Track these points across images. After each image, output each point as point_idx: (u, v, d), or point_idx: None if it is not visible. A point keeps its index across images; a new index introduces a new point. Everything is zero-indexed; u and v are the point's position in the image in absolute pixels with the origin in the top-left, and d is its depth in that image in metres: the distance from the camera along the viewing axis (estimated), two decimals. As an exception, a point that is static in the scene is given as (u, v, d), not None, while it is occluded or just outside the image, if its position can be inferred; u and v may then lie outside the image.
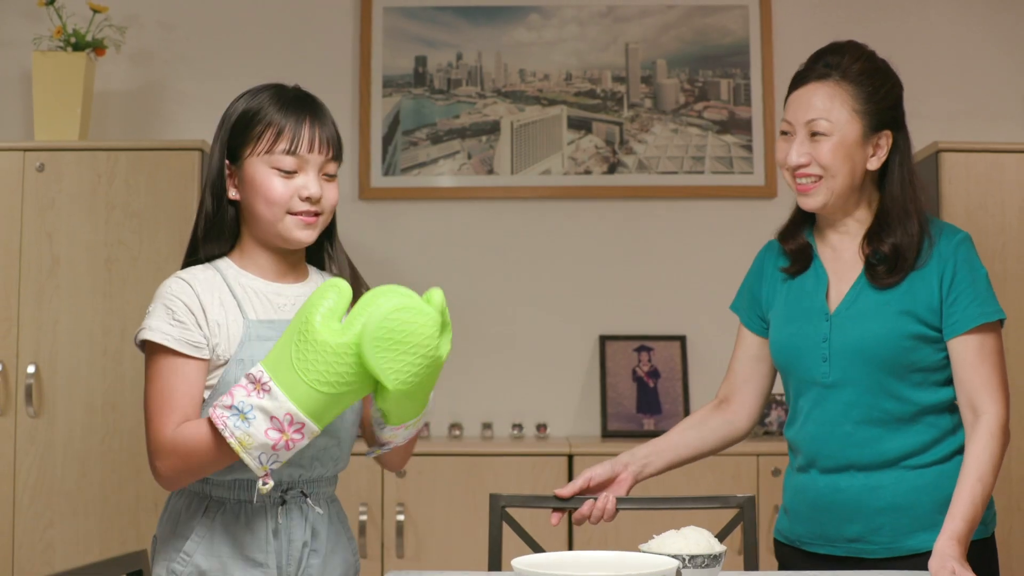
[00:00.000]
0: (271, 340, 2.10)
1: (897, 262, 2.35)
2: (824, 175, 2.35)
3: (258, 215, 2.13)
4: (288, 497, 2.14)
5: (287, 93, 2.18)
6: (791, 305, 2.45)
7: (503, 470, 3.62)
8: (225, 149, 2.16)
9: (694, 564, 1.97)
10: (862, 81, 2.37)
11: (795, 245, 2.49)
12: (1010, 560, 3.57)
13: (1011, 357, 3.61)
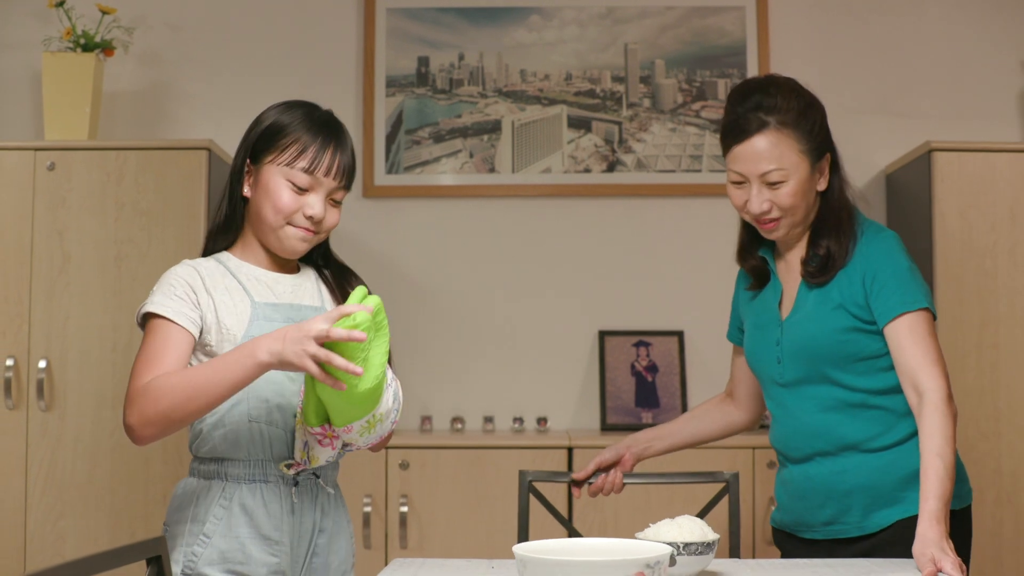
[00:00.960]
0: (275, 322, 2.25)
1: (827, 262, 2.48)
2: (784, 215, 2.47)
3: (262, 217, 2.27)
4: (300, 478, 2.26)
5: (321, 115, 2.31)
6: (755, 316, 2.63)
7: (504, 462, 3.66)
8: (249, 149, 2.30)
9: (688, 551, 2.04)
10: (800, 123, 2.45)
11: (752, 263, 2.64)
12: (1001, 552, 3.63)
13: (1003, 353, 3.67)
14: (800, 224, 2.52)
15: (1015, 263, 3.67)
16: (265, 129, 2.29)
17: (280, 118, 2.29)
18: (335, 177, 2.27)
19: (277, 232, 2.27)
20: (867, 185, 4.19)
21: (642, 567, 1.67)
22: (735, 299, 2.78)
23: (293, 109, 2.31)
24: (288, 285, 2.35)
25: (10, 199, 3.68)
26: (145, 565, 1.76)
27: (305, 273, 2.41)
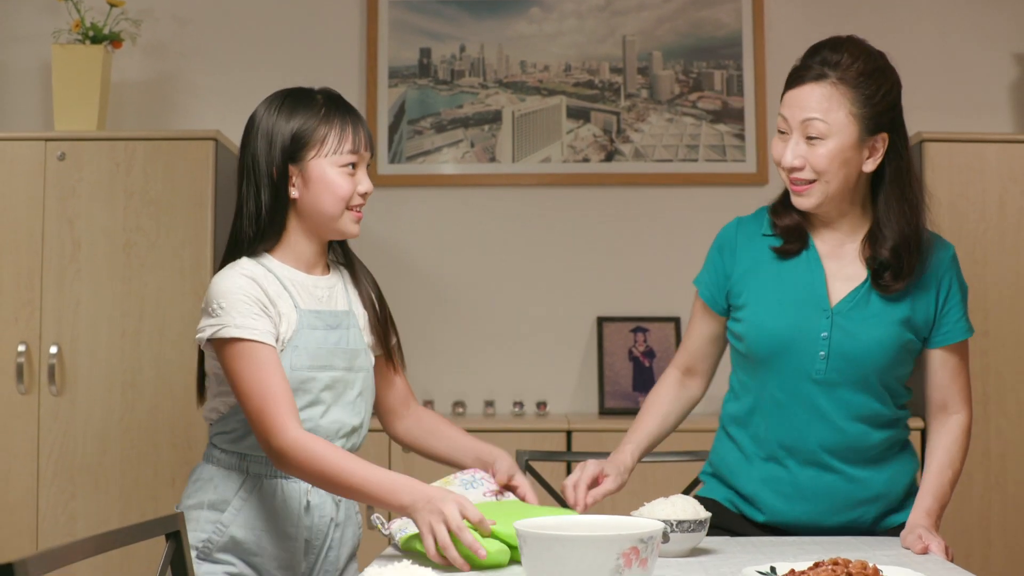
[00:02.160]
0: (318, 329, 2.27)
1: (901, 267, 2.31)
2: (818, 179, 2.28)
3: (322, 210, 2.27)
4: None
5: (331, 97, 2.32)
6: (783, 292, 2.38)
7: (504, 445, 3.60)
8: (286, 153, 2.27)
9: (681, 528, 2.12)
10: (860, 83, 2.29)
11: (790, 222, 2.40)
12: (990, 533, 3.71)
13: (993, 341, 3.74)
14: (834, 199, 2.32)
15: (1004, 251, 3.74)
16: (296, 133, 2.27)
17: (303, 117, 2.28)
18: (367, 148, 2.32)
19: (339, 220, 2.29)
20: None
21: (636, 542, 1.75)
22: (720, 256, 2.52)
23: (304, 103, 2.30)
24: (324, 289, 2.35)
25: (21, 188, 3.76)
26: (164, 540, 1.83)
27: (335, 274, 2.41)
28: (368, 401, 2.37)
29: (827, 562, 1.73)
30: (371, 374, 2.39)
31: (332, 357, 2.28)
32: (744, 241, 2.47)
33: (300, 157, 2.27)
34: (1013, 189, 3.75)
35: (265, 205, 2.28)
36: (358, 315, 2.38)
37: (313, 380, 2.24)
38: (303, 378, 2.24)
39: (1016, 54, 4.27)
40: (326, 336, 2.28)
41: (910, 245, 2.31)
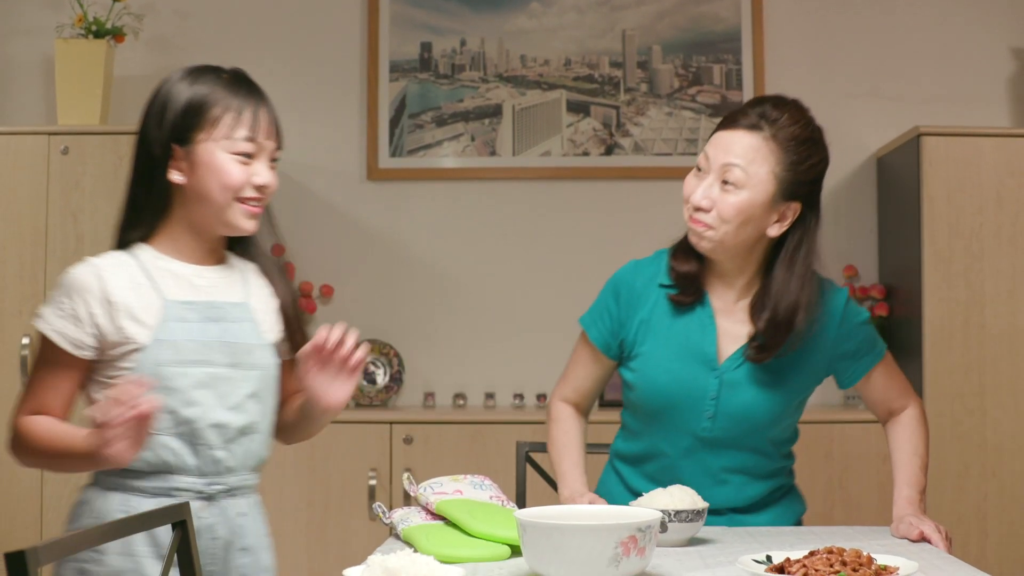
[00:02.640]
0: (191, 322, 2.05)
1: (768, 345, 2.32)
2: (717, 225, 2.27)
3: (209, 199, 2.05)
4: (212, 492, 2.05)
5: (238, 77, 2.12)
6: (675, 348, 2.39)
7: (505, 437, 3.74)
8: (173, 131, 2.05)
9: (679, 518, 2.15)
10: (791, 147, 2.27)
11: (689, 269, 2.41)
12: (986, 522, 3.75)
13: (990, 334, 3.77)
14: (728, 251, 2.33)
15: (1001, 245, 3.77)
16: (186, 106, 2.05)
17: (198, 91, 2.06)
18: (271, 137, 2.09)
19: (226, 211, 2.06)
20: (858, 168, 4.29)
21: (634, 531, 1.79)
22: (615, 300, 2.50)
23: (204, 77, 2.09)
24: (212, 279, 2.12)
25: (25, 182, 3.79)
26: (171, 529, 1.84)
27: (234, 265, 2.18)
28: (267, 403, 2.13)
29: (822, 551, 1.77)
30: (271, 373, 2.14)
31: (208, 351, 2.05)
32: (641, 288, 2.46)
33: (189, 138, 2.04)
34: (1010, 183, 3.78)
35: (143, 188, 2.08)
36: (256, 309, 2.15)
37: (183, 376, 2.01)
38: (169, 375, 2.00)
39: (1014, 48, 4.30)
40: (203, 328, 2.06)
41: (778, 319, 2.31)
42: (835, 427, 3.80)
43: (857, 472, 3.77)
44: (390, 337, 4.25)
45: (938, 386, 3.76)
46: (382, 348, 4.20)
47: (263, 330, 2.14)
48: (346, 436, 3.82)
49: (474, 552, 2.02)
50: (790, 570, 1.72)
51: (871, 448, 3.77)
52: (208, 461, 2.03)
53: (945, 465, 3.74)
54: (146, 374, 1.96)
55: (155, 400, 1.82)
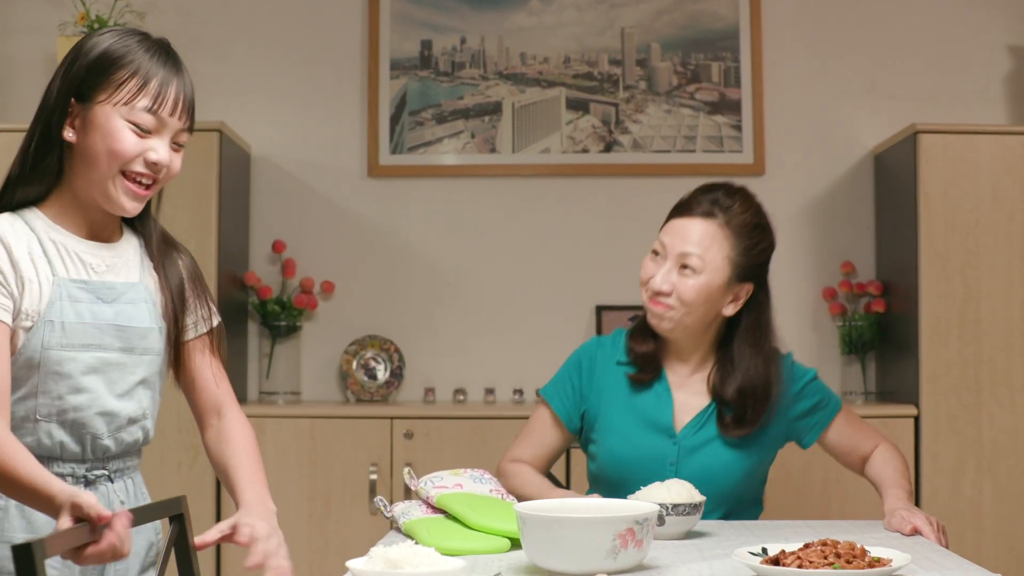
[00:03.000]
0: (83, 302, 1.92)
1: (745, 414, 2.46)
2: (678, 307, 2.44)
3: (94, 165, 1.91)
4: (92, 478, 1.95)
5: (159, 45, 1.98)
6: (634, 420, 2.51)
7: (504, 432, 3.70)
8: (75, 85, 1.92)
9: (676, 512, 2.19)
10: (743, 232, 2.45)
11: (646, 349, 2.54)
12: (981, 517, 3.78)
13: (985, 329, 3.79)
14: (688, 330, 2.48)
15: (997, 241, 3.79)
16: (95, 60, 1.91)
17: (113, 46, 1.91)
18: (180, 116, 1.94)
19: (107, 184, 1.91)
20: (855, 165, 4.31)
21: (632, 524, 1.82)
22: (577, 374, 2.62)
23: (127, 37, 1.95)
24: (106, 257, 1.99)
25: (28, 179, 3.81)
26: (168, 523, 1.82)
27: (127, 241, 2.05)
28: (155, 388, 2.05)
29: (816, 543, 1.80)
30: (163, 358, 2.04)
31: (100, 335, 1.93)
32: (601, 364, 2.59)
33: (88, 96, 1.91)
34: (1006, 180, 3.81)
35: (37, 141, 1.95)
36: (151, 289, 2.02)
37: (71, 361, 1.90)
38: (57, 359, 1.88)
39: (1010, 46, 4.32)
40: (94, 310, 1.93)
41: (756, 394, 2.46)
42: (832, 422, 3.82)
43: (854, 467, 3.80)
44: (391, 333, 4.27)
45: (934, 382, 3.78)
46: (383, 344, 4.23)
47: (159, 314, 2.02)
48: (347, 431, 3.85)
49: (474, 544, 2.05)
50: (785, 562, 1.75)
51: (868, 443, 3.80)
52: (93, 448, 1.93)
53: (941, 460, 3.77)
54: (31, 355, 1.86)
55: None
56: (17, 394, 1.87)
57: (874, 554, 1.79)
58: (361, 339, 4.25)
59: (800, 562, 1.74)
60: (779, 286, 4.16)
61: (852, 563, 1.72)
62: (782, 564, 1.75)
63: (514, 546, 2.08)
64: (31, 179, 1.95)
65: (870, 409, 3.88)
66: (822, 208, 4.32)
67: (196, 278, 2.11)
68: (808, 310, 4.29)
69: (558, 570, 1.82)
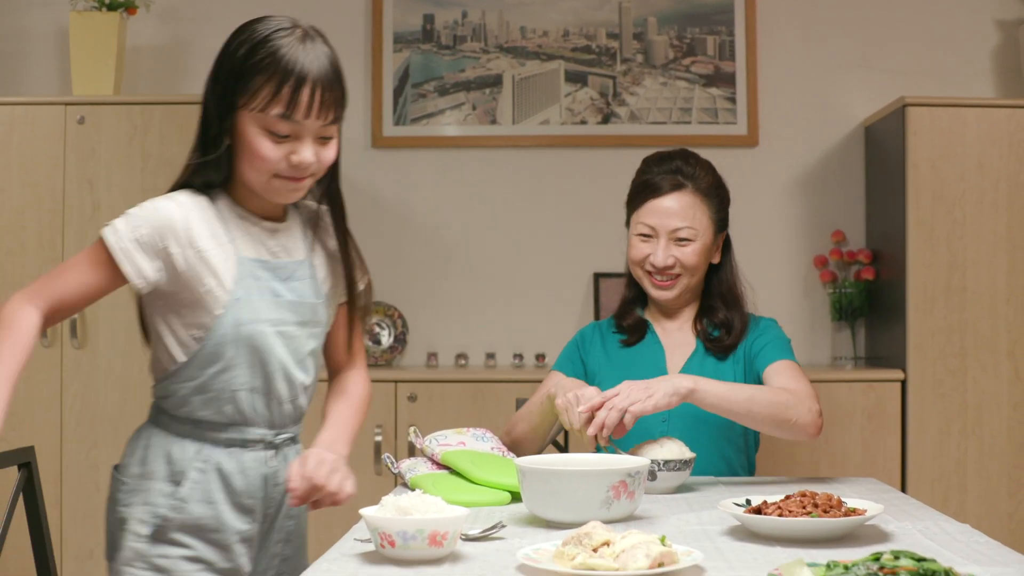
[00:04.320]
0: (263, 280, 2.01)
1: (731, 331, 2.68)
2: (683, 274, 2.67)
3: (247, 167, 1.96)
4: (279, 442, 2.10)
5: (300, 39, 1.94)
6: (630, 370, 2.67)
7: (505, 396, 3.85)
8: (222, 89, 1.94)
9: (668, 468, 2.31)
10: (712, 193, 2.69)
11: (631, 320, 2.78)
12: (966, 479, 3.88)
13: (971, 296, 3.89)
14: (691, 289, 2.72)
15: (982, 211, 3.89)
16: (236, 63, 1.91)
17: (249, 51, 1.91)
18: (319, 116, 1.92)
19: (263, 183, 1.96)
20: (846, 137, 4.41)
21: (624, 476, 1.95)
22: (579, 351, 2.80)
23: (269, 34, 1.92)
24: (281, 238, 2.07)
25: (43, 150, 3.91)
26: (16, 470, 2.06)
27: (292, 220, 2.12)
28: (319, 359, 2.17)
29: (796, 494, 1.92)
30: (326, 330, 2.16)
31: (280, 310, 2.04)
32: (600, 338, 2.81)
33: (232, 104, 1.92)
34: (992, 152, 3.90)
35: (203, 145, 1.99)
36: (316, 265, 2.13)
37: (261, 336, 2.00)
38: (248, 333, 1.99)
39: (998, 20, 4.40)
40: (273, 288, 2.03)
41: (738, 317, 2.71)
42: (822, 386, 3.91)
43: (842, 429, 3.91)
44: (395, 299, 4.38)
45: (921, 347, 3.89)
46: (387, 310, 4.33)
47: (322, 288, 2.13)
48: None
49: (477, 497, 2.17)
50: (766, 511, 1.87)
51: (855, 406, 3.91)
52: (278, 414, 2.07)
53: (927, 423, 3.88)
54: (227, 331, 1.97)
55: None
56: (214, 368, 1.99)
57: (850, 505, 1.91)
58: (366, 306, 4.34)
59: (780, 511, 1.86)
60: (772, 254, 4.34)
61: (829, 512, 1.85)
62: (764, 513, 1.87)
63: (514, 499, 2.21)
64: (207, 168, 1.97)
65: (859, 374, 3.98)
66: (814, 178, 4.42)
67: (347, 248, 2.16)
68: (800, 277, 4.40)
69: (555, 519, 1.95)
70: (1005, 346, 3.89)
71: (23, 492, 2.04)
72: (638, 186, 2.72)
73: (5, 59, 4.44)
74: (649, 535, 1.61)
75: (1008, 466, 3.86)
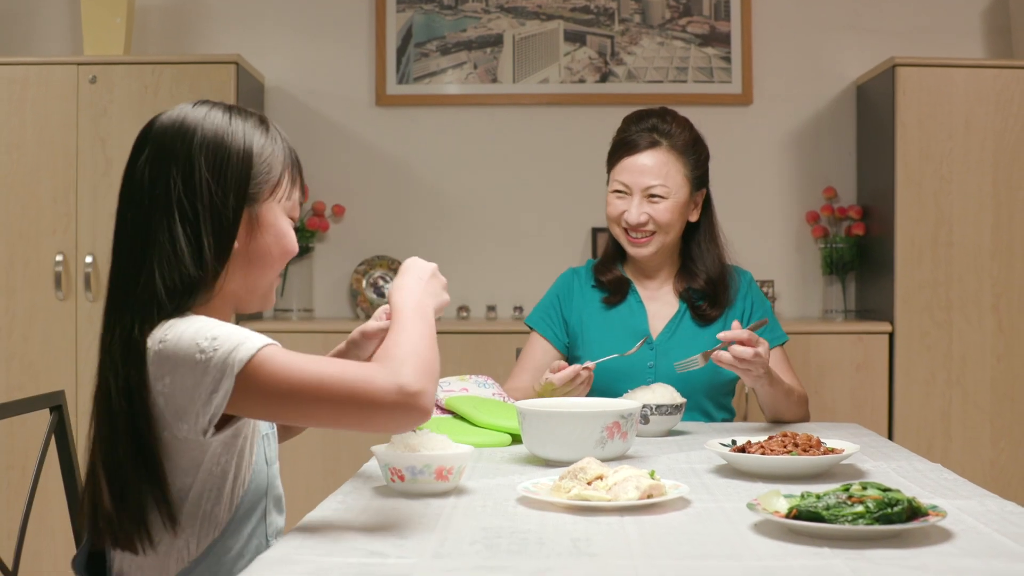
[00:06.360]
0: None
1: (716, 297, 2.74)
2: (658, 231, 2.70)
3: (265, 266, 1.80)
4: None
5: (276, 127, 1.84)
6: (613, 333, 2.74)
7: (505, 346, 3.94)
8: (241, 185, 1.74)
9: (659, 412, 2.44)
10: (688, 150, 2.72)
11: (612, 276, 2.81)
12: (950, 427, 4.01)
13: (956, 250, 3.99)
14: (667, 247, 2.75)
15: (968, 169, 4.00)
16: (250, 159, 1.75)
17: (259, 142, 1.77)
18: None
19: (271, 284, 1.84)
20: (839, 96, 4.50)
21: (617, 418, 2.08)
22: (557, 301, 2.85)
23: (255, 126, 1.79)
24: None
25: (56, 109, 4.02)
26: (48, 413, 2.18)
27: None
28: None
29: (778, 435, 2.06)
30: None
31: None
32: (578, 290, 2.86)
33: (254, 195, 1.75)
34: (979, 111, 4.00)
35: (210, 251, 1.70)
36: None
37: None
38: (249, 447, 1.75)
39: (988, -19, 4.49)
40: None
41: (723, 278, 2.75)
42: (812, 338, 4.05)
43: (831, 379, 4.04)
44: (398, 253, 4.49)
45: (908, 300, 4.01)
46: (391, 264, 4.45)
47: None
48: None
49: (480, 439, 2.31)
50: (750, 450, 2.01)
51: (844, 357, 4.04)
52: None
53: (913, 374, 4.00)
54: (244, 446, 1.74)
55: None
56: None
57: (828, 444, 2.05)
58: (370, 259, 4.47)
59: (763, 450, 1.99)
60: (765, 210, 4.45)
61: (808, 451, 1.98)
62: (747, 452, 2.00)
63: (515, 441, 2.35)
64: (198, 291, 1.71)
65: (848, 326, 4.11)
66: (806, 136, 4.52)
67: None
68: (792, 233, 4.52)
69: (553, 458, 2.09)
70: (989, 299, 4.00)
71: (55, 434, 2.17)
72: (616, 144, 2.79)
73: (18, 19, 4.53)
74: (639, 470, 1.74)
75: (991, 415, 3.99)
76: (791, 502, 1.56)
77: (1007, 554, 1.43)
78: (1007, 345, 4.00)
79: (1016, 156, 3.99)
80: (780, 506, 1.58)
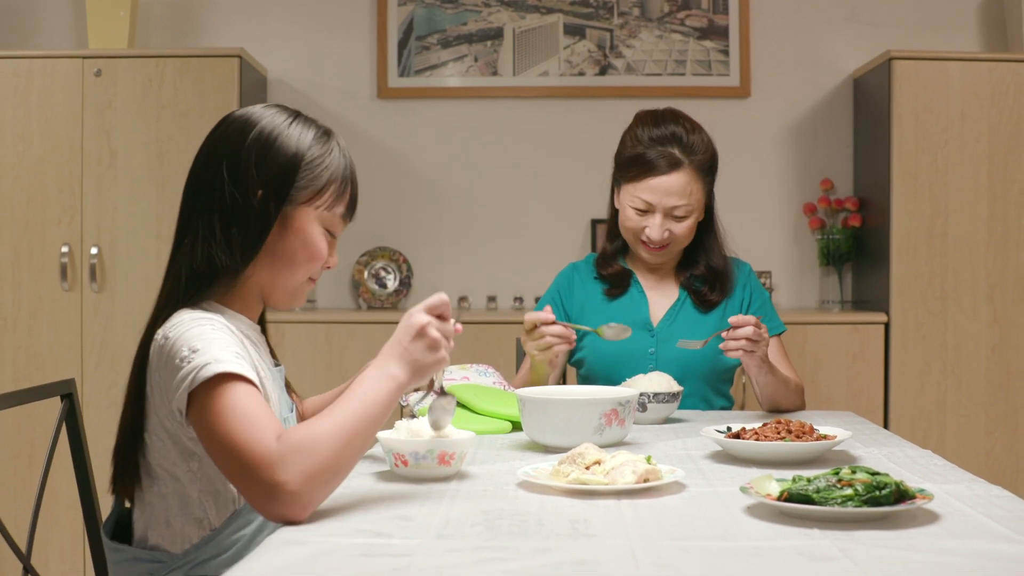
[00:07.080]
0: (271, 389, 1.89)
1: (716, 283, 2.80)
2: (675, 244, 2.76)
3: (287, 266, 1.86)
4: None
5: (340, 143, 1.89)
6: (614, 319, 2.76)
7: (505, 336, 3.99)
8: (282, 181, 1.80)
9: (657, 400, 2.49)
10: (707, 169, 2.75)
11: (613, 270, 2.87)
12: (945, 415, 4.05)
13: (951, 241, 4.04)
14: (680, 253, 2.85)
15: (963, 161, 4.04)
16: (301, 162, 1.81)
17: (312, 149, 1.83)
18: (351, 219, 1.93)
19: (296, 286, 1.89)
20: (836, 89, 4.54)
21: (615, 405, 2.13)
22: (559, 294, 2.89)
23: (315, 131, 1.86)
24: (263, 343, 1.98)
25: (61, 103, 4.06)
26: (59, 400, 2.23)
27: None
28: None
29: (772, 422, 2.10)
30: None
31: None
32: (579, 283, 2.91)
33: (293, 197, 1.82)
34: (974, 104, 4.03)
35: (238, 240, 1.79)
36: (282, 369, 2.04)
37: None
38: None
39: (984, -26, 4.52)
40: (278, 394, 1.95)
41: (724, 266, 2.82)
42: (809, 328, 4.09)
43: (828, 369, 4.08)
44: (400, 244, 4.54)
45: (904, 291, 4.05)
46: (392, 255, 4.49)
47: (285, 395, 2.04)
48: (359, 336, 4.12)
49: (480, 426, 2.36)
50: (744, 436, 2.05)
51: (840, 347, 4.08)
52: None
53: (908, 364, 4.04)
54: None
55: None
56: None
57: (821, 432, 2.09)
58: (372, 250, 4.51)
59: (757, 437, 2.04)
60: (763, 202, 4.50)
61: (801, 438, 2.02)
62: (742, 438, 2.05)
63: (515, 428, 2.40)
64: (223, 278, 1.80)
65: (845, 316, 4.15)
66: (804, 128, 4.56)
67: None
68: (790, 224, 4.56)
69: (552, 444, 2.13)
70: (984, 290, 4.04)
71: (65, 421, 2.21)
72: (635, 158, 2.72)
73: (23, 13, 4.56)
74: (636, 455, 1.79)
75: (985, 405, 4.04)
76: (783, 485, 1.61)
77: (991, 535, 1.48)
78: (1002, 335, 4.04)
79: (1011, 148, 4.03)
80: (772, 489, 1.62)
